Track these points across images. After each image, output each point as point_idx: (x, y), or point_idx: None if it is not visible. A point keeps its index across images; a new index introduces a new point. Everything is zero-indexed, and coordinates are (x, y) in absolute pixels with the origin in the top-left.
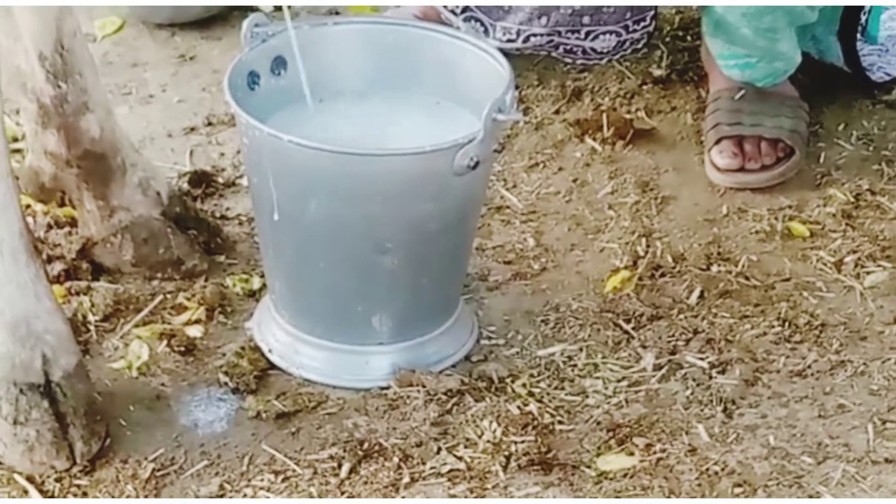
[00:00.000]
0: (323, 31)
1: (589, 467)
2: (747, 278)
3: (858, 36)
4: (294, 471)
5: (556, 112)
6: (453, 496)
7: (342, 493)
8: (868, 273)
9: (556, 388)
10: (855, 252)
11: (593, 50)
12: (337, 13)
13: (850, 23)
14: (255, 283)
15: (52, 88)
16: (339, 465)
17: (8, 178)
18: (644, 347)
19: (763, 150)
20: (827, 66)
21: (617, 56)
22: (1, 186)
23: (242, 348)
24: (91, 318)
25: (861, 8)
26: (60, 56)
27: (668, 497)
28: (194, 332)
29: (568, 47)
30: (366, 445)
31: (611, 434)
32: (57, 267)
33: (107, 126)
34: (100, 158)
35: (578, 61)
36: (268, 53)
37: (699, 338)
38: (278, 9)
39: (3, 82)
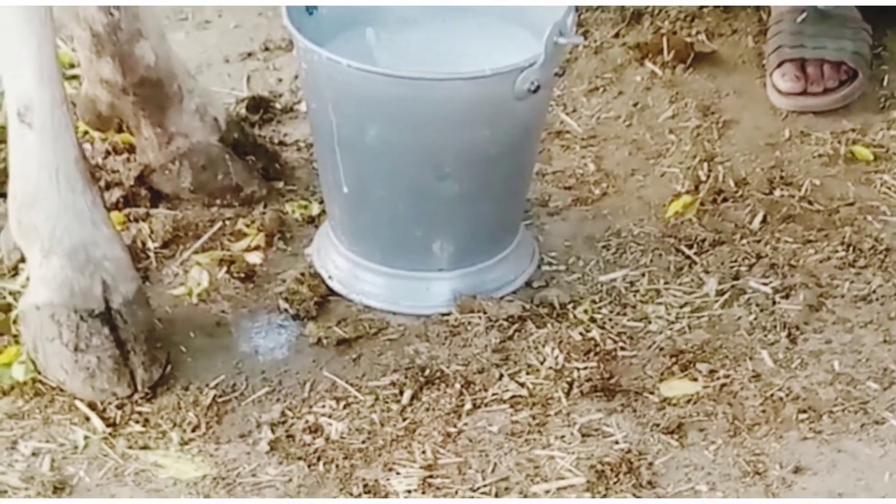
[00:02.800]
0: None
1: (652, 393)
2: (810, 202)
3: None
4: (355, 397)
5: (616, 35)
6: (516, 422)
7: (404, 420)
8: None
9: (617, 314)
10: None
11: None
12: None
13: None
14: (314, 209)
15: (104, 16)
16: (401, 392)
17: (63, 104)
18: (706, 273)
19: (826, 73)
20: None
21: None
22: (56, 113)
23: (302, 275)
24: (150, 244)
25: None
26: None
27: (732, 423)
28: (254, 258)
29: None
30: (427, 372)
31: (674, 360)
32: (115, 194)
33: (161, 52)
34: (156, 85)
35: None
36: None
37: (762, 263)
38: None
39: (57, 10)
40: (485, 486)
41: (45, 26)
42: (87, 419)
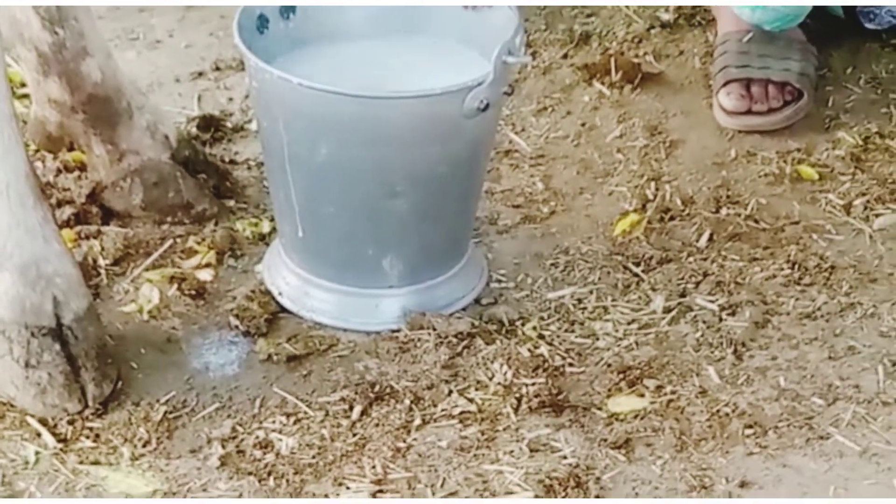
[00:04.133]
0: None
1: (600, 409)
2: (756, 221)
3: None
4: (306, 413)
5: (564, 56)
6: (465, 438)
7: (353, 435)
8: (877, 216)
9: (566, 330)
10: (864, 195)
11: None
12: None
13: None
14: (265, 226)
15: (49, 35)
16: (351, 408)
17: (11, 121)
18: (654, 290)
19: (771, 93)
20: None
21: None
22: (5, 130)
23: (253, 291)
24: (101, 261)
25: None
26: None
27: (679, 438)
28: (204, 275)
29: None
30: (377, 388)
31: (621, 376)
32: (67, 211)
33: (108, 69)
34: (104, 102)
35: None
36: None
37: (709, 280)
38: None
39: (2, 31)
40: (434, 500)
41: None
42: (38, 435)
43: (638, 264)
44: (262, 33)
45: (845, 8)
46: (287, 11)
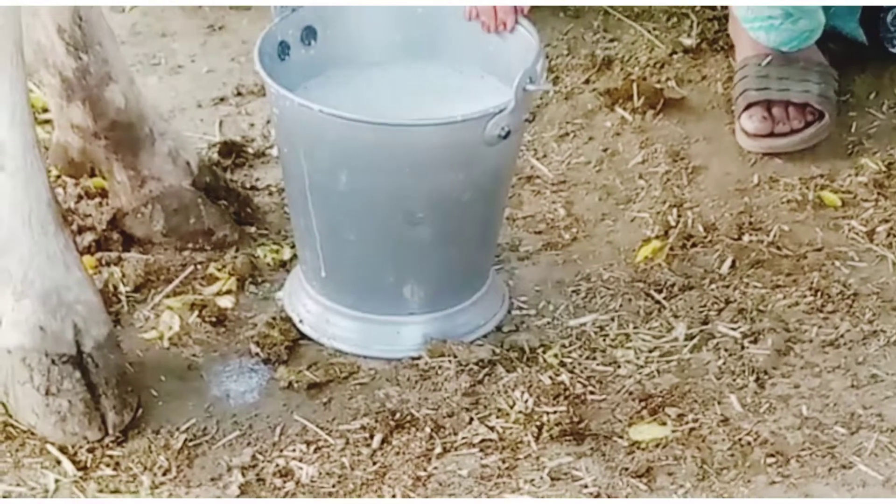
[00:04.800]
0: (353, 2)
1: (621, 437)
2: (779, 248)
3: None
4: (326, 441)
5: (586, 81)
6: (485, 466)
7: (374, 464)
8: None
9: (587, 358)
10: (887, 221)
11: None
12: None
13: (873, 9)
14: (286, 253)
15: (73, 61)
16: (371, 436)
17: (34, 148)
18: (676, 317)
19: (791, 114)
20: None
21: None
22: (28, 157)
23: (273, 318)
24: (122, 288)
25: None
26: (79, 27)
27: (701, 466)
28: (225, 302)
29: None
30: (397, 416)
31: (643, 404)
32: (88, 238)
33: (131, 95)
34: (127, 128)
35: None
36: (297, 23)
37: (731, 308)
38: None
39: (26, 58)
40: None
41: (17, 68)
42: (58, 463)
43: (660, 291)
44: (284, 60)
45: (868, 33)
46: (309, 38)
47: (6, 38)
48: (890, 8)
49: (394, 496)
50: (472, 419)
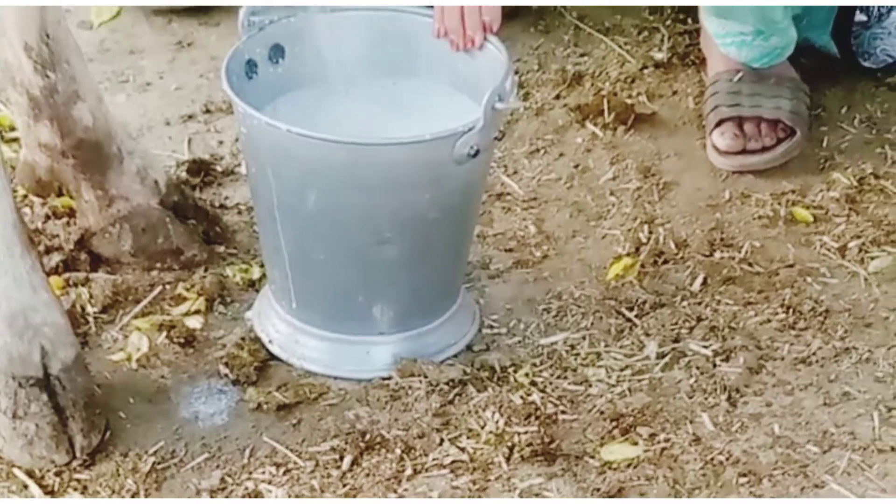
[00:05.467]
0: (321, 18)
1: (593, 457)
2: (751, 265)
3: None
4: (296, 463)
5: (557, 97)
6: (456, 488)
7: (344, 486)
8: (872, 258)
9: (558, 377)
10: (859, 237)
11: None
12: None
13: (845, 22)
14: (255, 272)
15: (40, 79)
16: (341, 458)
17: (0, 168)
18: (647, 335)
19: (763, 131)
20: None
21: None
22: None
23: (242, 339)
24: (90, 309)
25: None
26: (46, 45)
27: (673, 487)
28: (194, 322)
29: None
30: (367, 437)
31: (614, 424)
32: (55, 258)
33: (99, 114)
34: (95, 147)
35: None
36: (265, 41)
37: (702, 325)
38: None
39: None
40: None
41: None
42: (25, 487)
43: (631, 309)
44: (252, 78)
45: (840, 46)
46: (277, 56)
47: None
48: (863, 25)
49: None
50: (442, 440)
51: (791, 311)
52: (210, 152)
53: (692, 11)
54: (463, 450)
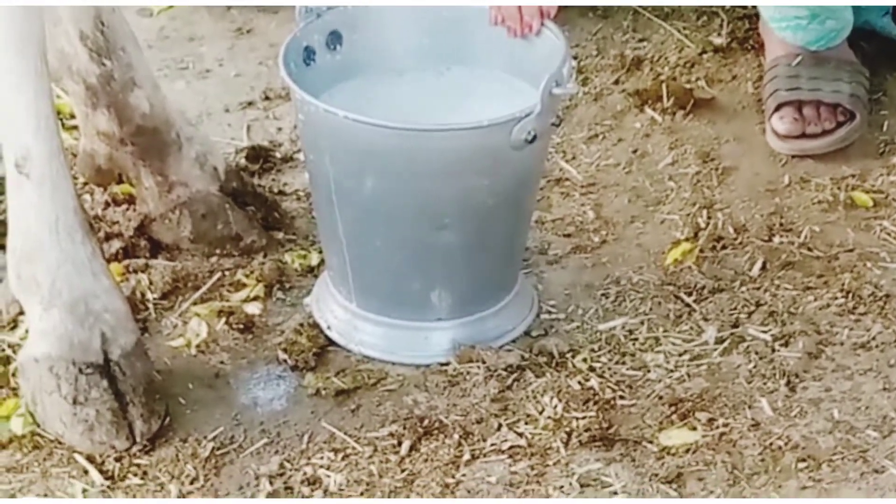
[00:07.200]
0: (378, 6)
1: (651, 442)
2: (810, 249)
3: None
4: (354, 448)
5: (616, 82)
6: (514, 473)
7: (402, 471)
8: None
9: (617, 362)
10: None
11: None
12: None
13: None
14: (314, 258)
15: (96, 67)
16: (399, 443)
17: (59, 156)
18: (706, 320)
19: (822, 115)
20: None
21: None
22: (53, 164)
23: (301, 325)
24: (149, 295)
25: None
26: (101, 33)
27: (732, 472)
28: (253, 309)
29: None
30: (426, 422)
31: (673, 409)
32: (115, 244)
33: (156, 101)
34: (153, 133)
35: None
36: (323, 29)
37: (761, 310)
38: None
39: (50, 65)
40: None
41: (41, 76)
42: (86, 472)
43: (690, 294)
44: (309, 65)
45: None
46: (334, 43)
47: (30, 46)
48: None
49: None
50: (500, 425)
51: (850, 295)
52: (269, 139)
53: None
54: (521, 435)
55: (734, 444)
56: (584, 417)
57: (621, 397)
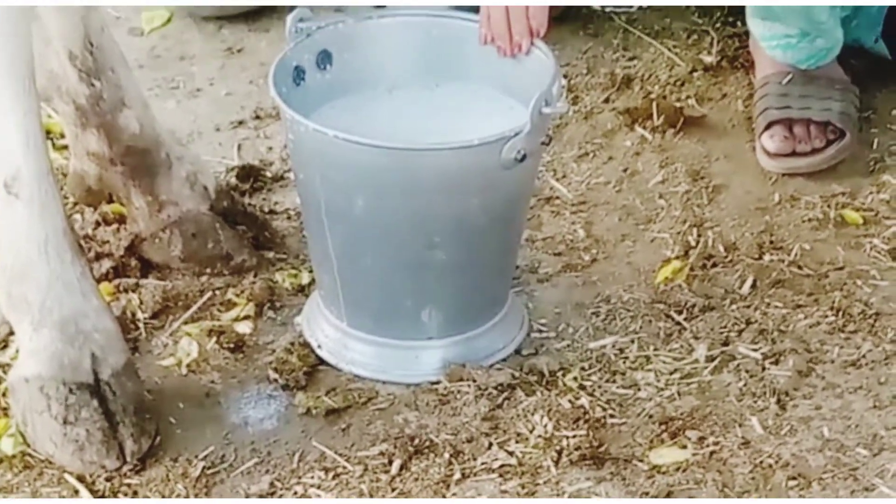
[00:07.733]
0: (368, 24)
1: (641, 461)
2: (800, 267)
3: None
4: (345, 468)
5: (606, 101)
6: (504, 492)
7: (393, 490)
8: None
9: (607, 381)
10: None
11: None
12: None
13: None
14: (304, 277)
15: (86, 87)
16: (390, 462)
17: (49, 175)
18: (696, 339)
19: (813, 133)
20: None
21: None
22: (43, 184)
23: (292, 344)
24: (140, 315)
25: None
26: (90, 53)
27: (722, 490)
28: (243, 328)
29: None
30: (416, 441)
31: (663, 427)
32: (105, 264)
33: (146, 121)
34: (143, 153)
35: None
36: (313, 48)
37: (752, 328)
38: None
39: (40, 85)
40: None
41: (30, 96)
42: (76, 492)
43: (680, 312)
44: (299, 85)
45: (891, 48)
46: (324, 62)
47: (19, 65)
48: None
49: None
50: (491, 444)
51: (841, 313)
52: (260, 158)
53: (741, 14)
54: (511, 454)
55: (724, 463)
56: (574, 436)
57: (611, 416)
